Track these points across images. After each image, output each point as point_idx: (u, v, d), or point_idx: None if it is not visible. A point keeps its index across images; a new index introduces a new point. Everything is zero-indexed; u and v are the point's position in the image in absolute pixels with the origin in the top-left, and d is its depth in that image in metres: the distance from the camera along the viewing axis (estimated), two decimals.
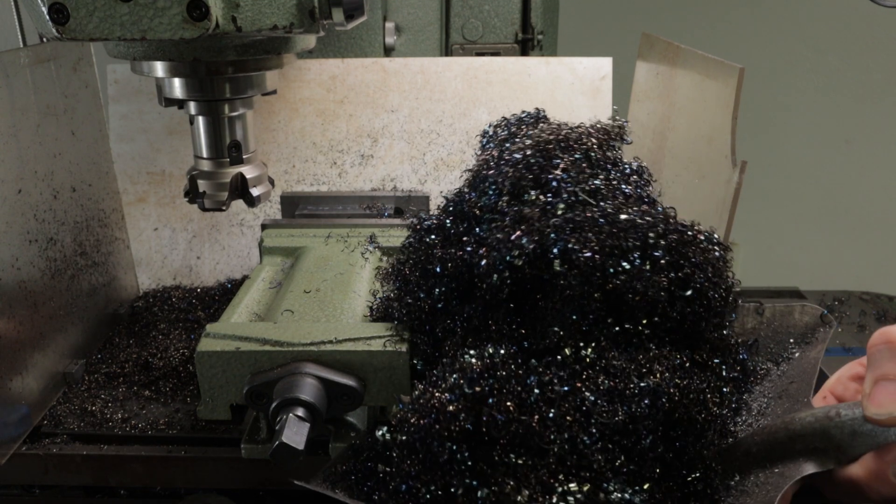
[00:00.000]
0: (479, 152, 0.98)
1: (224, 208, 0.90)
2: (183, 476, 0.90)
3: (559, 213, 0.73)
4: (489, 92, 1.25)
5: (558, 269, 0.68)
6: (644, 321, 0.68)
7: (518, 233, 0.71)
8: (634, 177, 0.83)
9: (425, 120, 1.25)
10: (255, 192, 0.91)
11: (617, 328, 0.69)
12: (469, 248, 0.75)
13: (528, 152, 0.81)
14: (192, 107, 0.87)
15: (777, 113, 2.23)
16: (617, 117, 0.92)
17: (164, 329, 1.11)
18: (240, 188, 0.90)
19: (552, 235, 0.70)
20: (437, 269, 0.77)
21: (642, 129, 1.20)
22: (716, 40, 2.15)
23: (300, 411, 0.73)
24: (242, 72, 0.84)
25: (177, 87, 0.85)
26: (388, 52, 1.34)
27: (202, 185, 0.89)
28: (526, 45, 1.40)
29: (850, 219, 2.32)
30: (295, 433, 0.71)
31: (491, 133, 1.02)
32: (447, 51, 1.42)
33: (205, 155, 0.89)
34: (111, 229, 1.17)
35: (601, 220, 0.71)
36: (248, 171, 0.90)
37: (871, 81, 2.19)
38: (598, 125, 0.88)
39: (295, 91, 1.25)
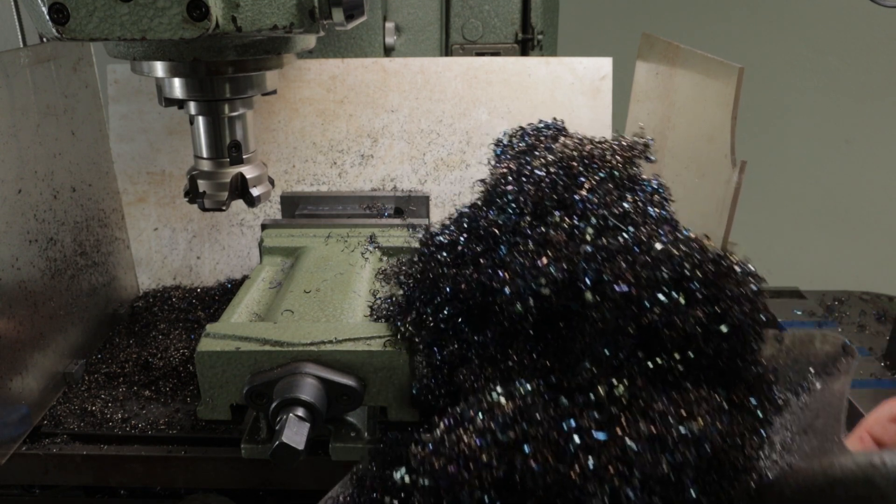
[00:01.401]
0: (494, 162, 0.93)
1: (224, 208, 0.90)
2: (183, 476, 0.90)
3: (588, 237, 0.69)
4: (489, 92, 1.25)
5: (590, 300, 0.64)
6: (678, 356, 0.64)
7: (545, 259, 0.67)
8: (656, 196, 0.78)
9: (425, 120, 1.25)
10: (255, 192, 0.91)
11: (650, 363, 0.64)
12: (489, 271, 0.71)
13: (552, 169, 0.77)
14: (192, 107, 0.87)
15: (777, 113, 2.23)
16: (643, 136, 0.86)
17: (164, 329, 1.11)
18: (240, 188, 0.90)
19: (582, 264, 0.65)
20: (448, 290, 0.74)
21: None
22: (716, 40, 2.15)
23: (300, 411, 0.73)
24: (242, 72, 0.84)
25: (177, 87, 0.85)
26: (388, 52, 1.34)
27: (202, 185, 0.89)
28: (526, 45, 1.40)
29: (850, 219, 2.32)
30: (295, 433, 0.71)
31: (506, 142, 0.97)
32: (447, 51, 1.42)
33: (205, 155, 0.89)
34: (111, 229, 1.17)
35: (635, 248, 0.66)
36: (248, 171, 0.90)
37: (871, 81, 2.19)
38: (623, 142, 0.84)
39: (295, 91, 1.25)
